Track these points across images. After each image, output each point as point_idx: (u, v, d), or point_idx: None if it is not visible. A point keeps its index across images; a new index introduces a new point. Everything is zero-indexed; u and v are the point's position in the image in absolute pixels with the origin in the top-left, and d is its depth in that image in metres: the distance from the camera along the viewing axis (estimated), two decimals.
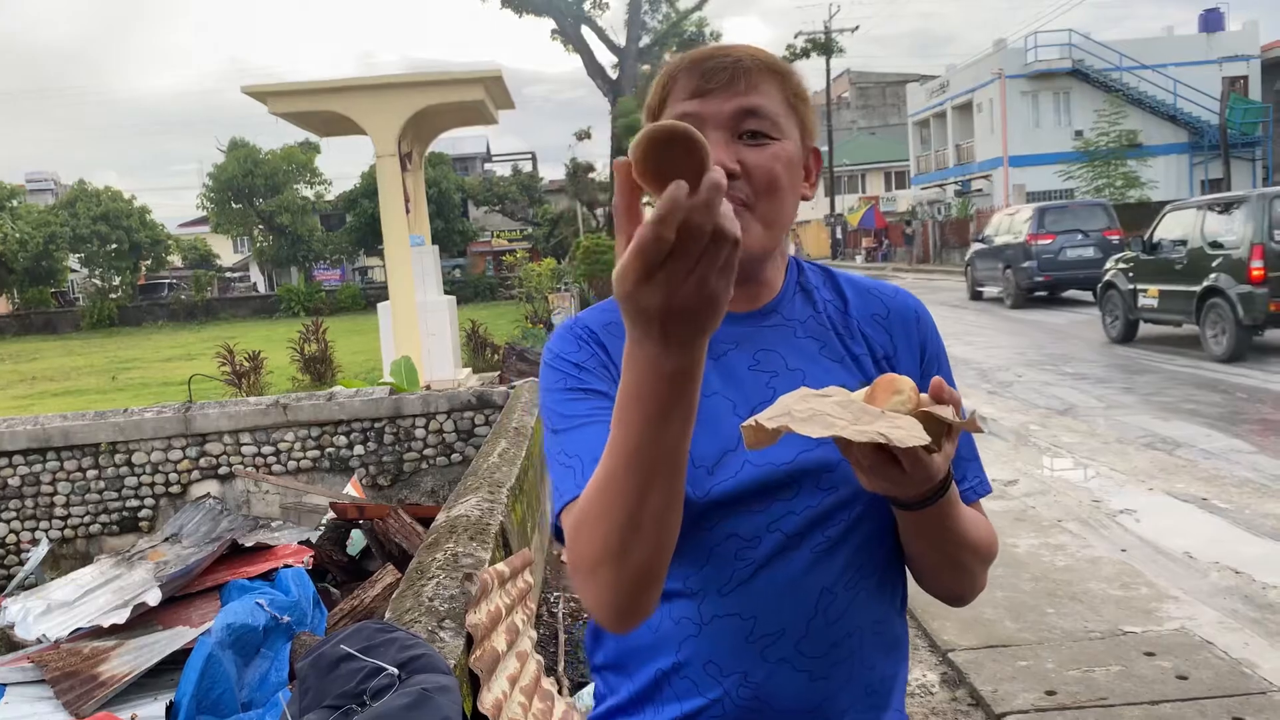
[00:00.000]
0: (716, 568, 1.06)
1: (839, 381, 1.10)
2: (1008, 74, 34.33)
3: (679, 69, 1.11)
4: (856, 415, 0.89)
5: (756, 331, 1.14)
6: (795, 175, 1.13)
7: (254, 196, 37.91)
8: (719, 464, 1.06)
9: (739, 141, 1.08)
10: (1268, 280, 9.89)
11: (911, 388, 0.93)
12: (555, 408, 1.09)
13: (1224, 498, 5.86)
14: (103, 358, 21.68)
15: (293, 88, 10.57)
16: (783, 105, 1.11)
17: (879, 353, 1.17)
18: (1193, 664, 3.71)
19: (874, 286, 1.24)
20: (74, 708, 4.43)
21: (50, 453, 7.68)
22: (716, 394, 1.09)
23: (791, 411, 0.89)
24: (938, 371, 1.19)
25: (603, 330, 1.14)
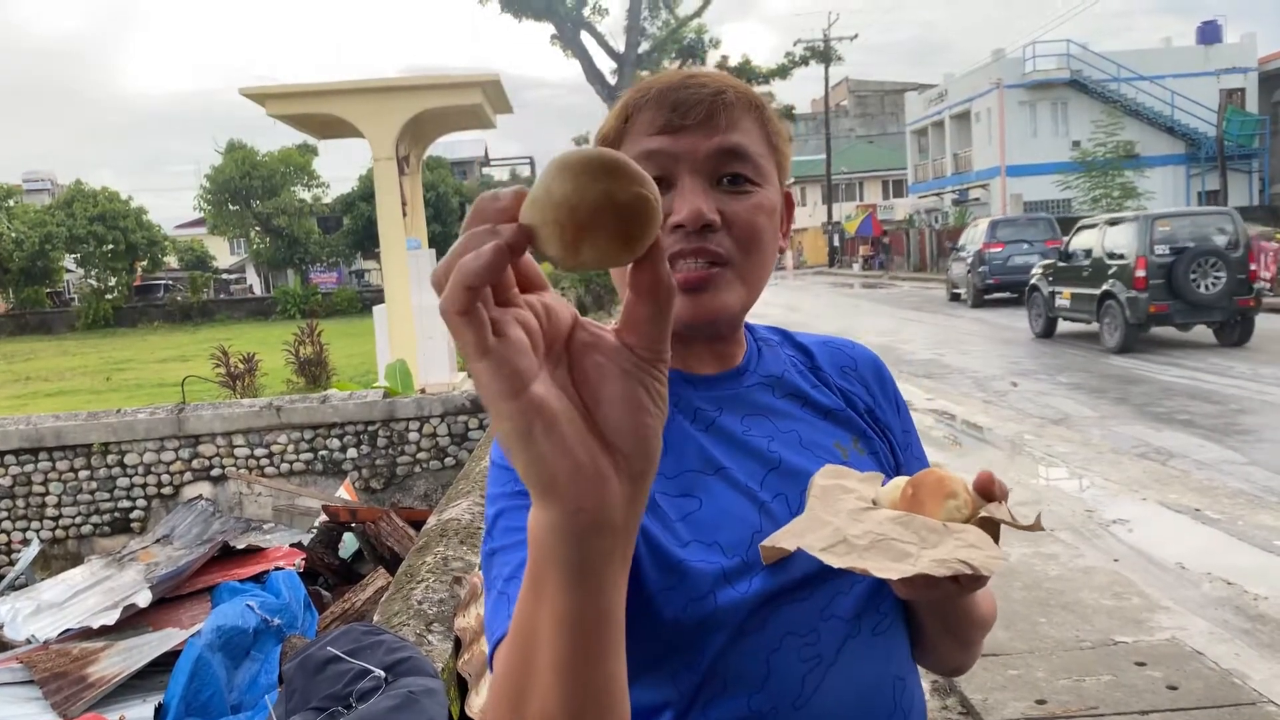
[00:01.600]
0: (781, 678, 0.89)
1: (833, 436, 1.02)
2: (1006, 84, 34.44)
3: (644, 98, 0.95)
4: (922, 536, 0.79)
5: (738, 394, 1.01)
6: (775, 226, 0.99)
7: (251, 198, 37.92)
8: (752, 548, 0.90)
9: (717, 188, 0.93)
10: (1149, 287, 12.19)
11: (964, 488, 0.83)
12: (498, 518, 0.88)
13: (1217, 508, 5.86)
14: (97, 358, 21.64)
15: (291, 90, 10.57)
16: (764, 145, 0.97)
17: (860, 405, 1.07)
18: (1183, 674, 3.71)
19: (828, 340, 1.13)
20: (62, 709, 4.41)
21: (42, 453, 7.66)
22: (717, 471, 0.95)
23: (848, 539, 0.79)
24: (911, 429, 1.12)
25: None
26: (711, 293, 0.93)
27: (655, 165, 0.92)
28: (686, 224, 0.90)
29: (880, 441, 1.05)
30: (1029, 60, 34.72)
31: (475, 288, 0.46)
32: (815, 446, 0.99)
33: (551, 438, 0.48)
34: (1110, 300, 12.82)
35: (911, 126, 44.99)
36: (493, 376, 0.47)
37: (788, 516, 0.91)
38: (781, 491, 0.95)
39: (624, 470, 0.51)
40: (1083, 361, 12.30)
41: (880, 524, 0.81)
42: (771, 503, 0.94)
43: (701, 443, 0.96)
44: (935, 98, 41.57)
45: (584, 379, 0.51)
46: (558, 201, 0.46)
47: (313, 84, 10.73)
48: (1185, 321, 12.70)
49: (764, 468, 0.96)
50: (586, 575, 0.53)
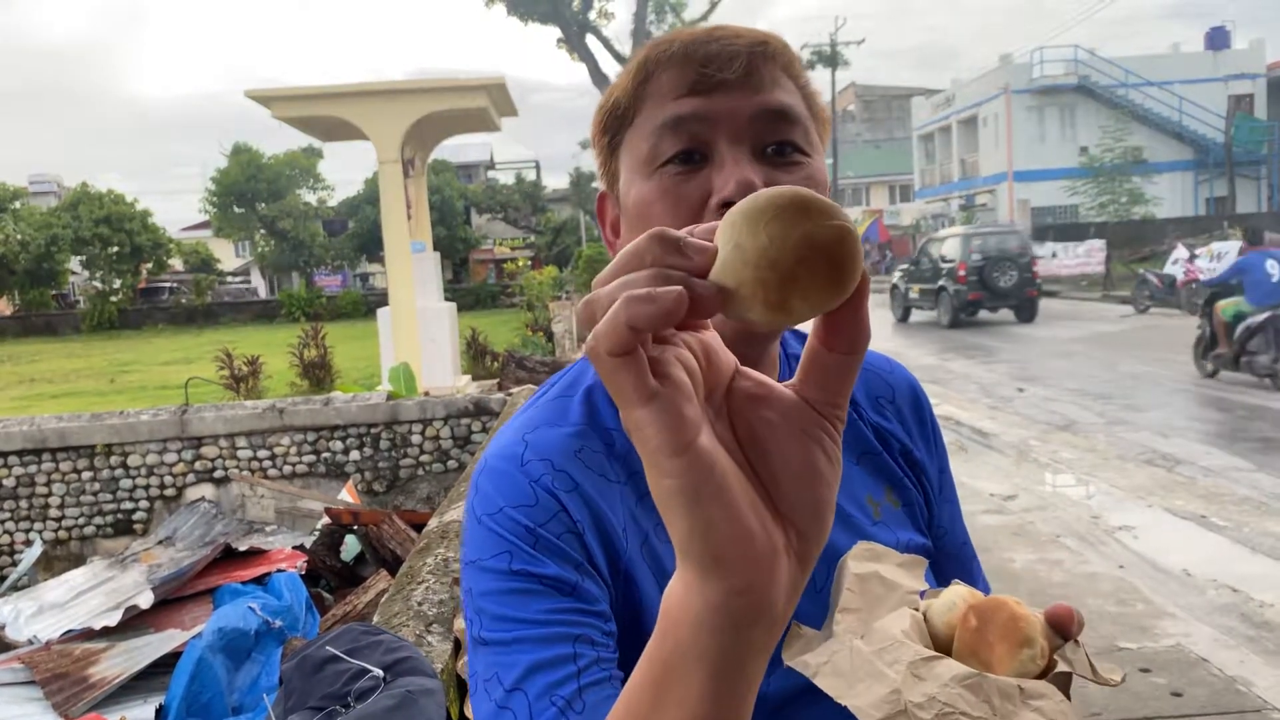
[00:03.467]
0: None
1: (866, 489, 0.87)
2: (1013, 89, 34.40)
3: (666, 53, 0.77)
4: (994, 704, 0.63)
5: None
6: None
7: (256, 201, 37.96)
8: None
9: (763, 159, 0.76)
10: (967, 281, 17.70)
11: (1041, 632, 0.67)
12: (487, 604, 0.70)
13: (1223, 515, 5.83)
14: (102, 360, 21.69)
15: (296, 93, 10.59)
16: (806, 110, 0.80)
17: (895, 446, 0.91)
18: (1188, 681, 3.68)
19: (866, 361, 0.93)
20: (63, 709, 4.40)
21: (46, 454, 7.67)
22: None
23: (909, 709, 0.63)
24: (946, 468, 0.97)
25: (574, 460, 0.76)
26: None
27: (686, 134, 0.76)
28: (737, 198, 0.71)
29: (915, 491, 0.91)
30: (1037, 65, 34.67)
31: (641, 330, 0.38)
32: (848, 504, 0.84)
33: (723, 501, 0.40)
34: (943, 291, 18.35)
35: (918, 131, 44.96)
36: (658, 427, 0.39)
37: (812, 593, 0.75)
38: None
39: (794, 548, 0.43)
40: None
41: (946, 688, 0.64)
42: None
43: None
44: (942, 103, 41.55)
45: (750, 437, 0.43)
46: (754, 259, 0.39)
47: (318, 86, 10.74)
48: (992, 305, 18.00)
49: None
50: (735, 675, 0.43)
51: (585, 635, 0.68)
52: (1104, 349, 13.92)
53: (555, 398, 0.82)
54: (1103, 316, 18.48)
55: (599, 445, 0.78)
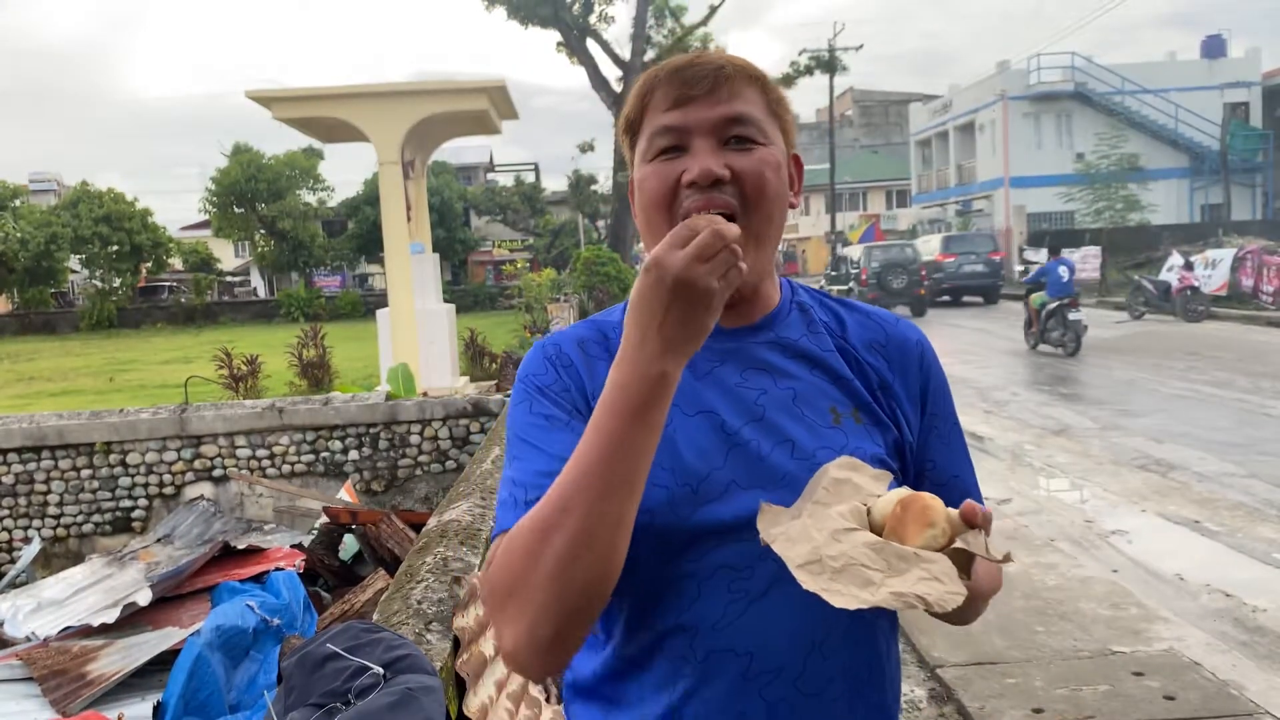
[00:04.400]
0: (709, 602, 1.00)
1: (831, 400, 1.08)
2: (1010, 95, 34.46)
3: (657, 79, 1.07)
4: (891, 564, 0.85)
5: (746, 347, 1.10)
6: (783, 181, 1.09)
7: (256, 201, 37.91)
8: (705, 483, 1.01)
9: (725, 148, 1.04)
10: (868, 284, 22.61)
11: (946, 518, 0.88)
12: (517, 430, 1.06)
13: (1216, 520, 5.87)
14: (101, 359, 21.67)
15: (297, 93, 10.61)
16: (765, 111, 1.08)
17: (874, 380, 1.12)
18: (1181, 684, 3.71)
19: (872, 312, 1.19)
20: (61, 706, 4.41)
21: (45, 451, 7.68)
22: (703, 412, 1.05)
23: (823, 559, 0.86)
24: (942, 414, 1.16)
25: (576, 348, 1.10)
26: None
27: (673, 136, 1.05)
28: (698, 180, 1.02)
29: (885, 416, 1.10)
30: (1034, 72, 34.73)
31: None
32: (809, 408, 1.07)
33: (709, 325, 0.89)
34: (850, 291, 23.05)
35: (916, 137, 45.02)
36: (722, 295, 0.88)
37: (751, 461, 1.03)
38: (753, 438, 1.04)
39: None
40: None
41: (856, 548, 0.86)
42: (740, 447, 1.03)
43: (695, 386, 1.06)
44: (940, 108, 41.61)
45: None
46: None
47: (319, 88, 10.76)
48: (888, 303, 21.50)
49: (744, 417, 1.05)
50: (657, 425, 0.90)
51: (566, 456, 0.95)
52: (1098, 355, 13.96)
53: (586, 323, 1.17)
54: (1097, 323, 18.55)
55: (598, 337, 1.12)
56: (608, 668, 1.06)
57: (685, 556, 1.00)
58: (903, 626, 4.39)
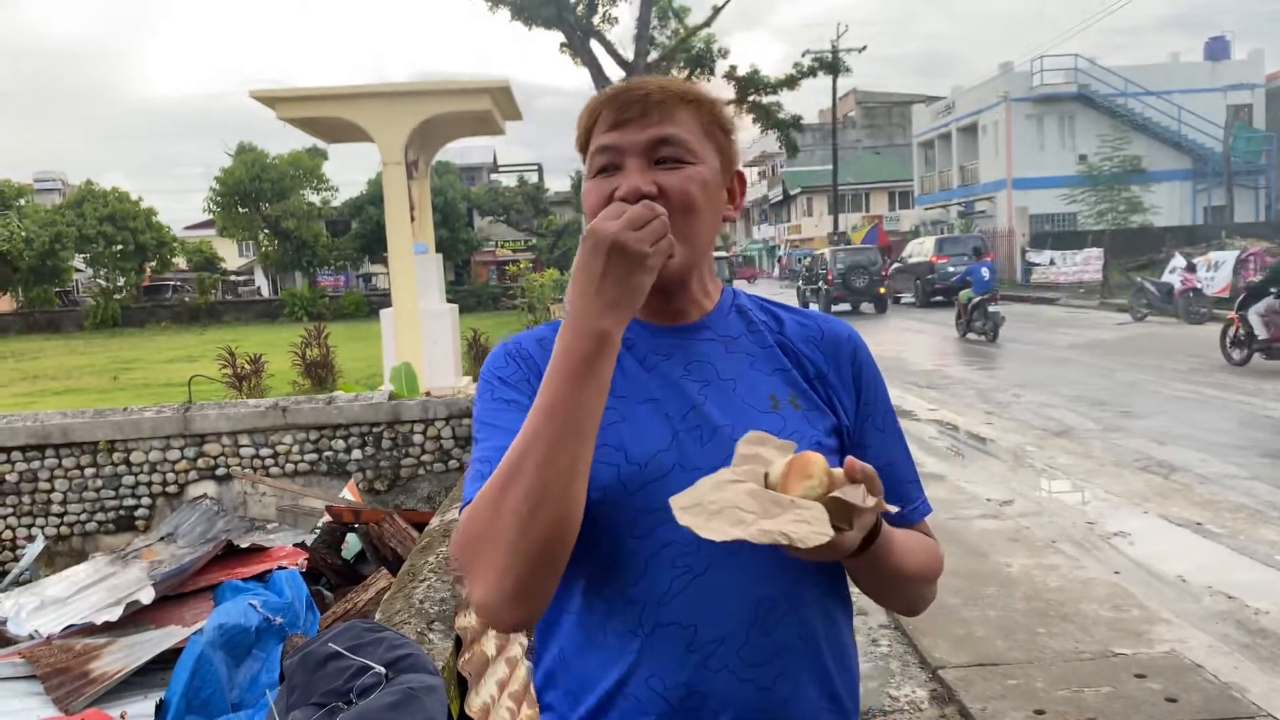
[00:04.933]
0: (654, 578, 1.07)
1: (770, 389, 1.17)
2: (1013, 97, 34.44)
3: (601, 105, 1.18)
4: (765, 507, 0.92)
5: (688, 343, 1.19)
6: (712, 196, 1.18)
7: (260, 201, 37.95)
8: (651, 463, 1.10)
9: (655, 168, 1.14)
10: (834, 284, 25.13)
11: (823, 469, 0.95)
12: (478, 417, 1.16)
13: (1219, 522, 5.87)
14: (105, 358, 21.70)
15: (301, 93, 10.61)
16: (697, 132, 1.17)
17: (810, 371, 1.21)
18: (1182, 686, 3.71)
19: (808, 312, 1.29)
20: (64, 704, 4.42)
21: (49, 450, 7.69)
22: (649, 400, 1.14)
23: (704, 502, 0.94)
24: (875, 402, 1.24)
25: (535, 345, 1.21)
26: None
27: (609, 155, 1.16)
28: (627, 197, 1.11)
29: (822, 403, 1.20)
30: (1037, 74, 34.72)
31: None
32: (748, 396, 1.17)
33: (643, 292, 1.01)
34: (821, 290, 26.11)
35: (919, 138, 45.00)
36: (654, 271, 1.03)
37: (694, 446, 1.11)
38: (697, 426, 1.13)
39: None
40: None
41: (736, 495, 0.94)
42: (684, 434, 1.12)
43: (642, 378, 1.16)
44: (943, 110, 41.59)
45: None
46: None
47: (323, 88, 10.77)
48: (853, 300, 25.60)
49: (687, 405, 1.14)
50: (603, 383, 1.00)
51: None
52: (1101, 356, 13.96)
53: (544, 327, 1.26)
54: (1100, 324, 18.54)
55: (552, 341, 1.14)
56: (568, 646, 1.13)
57: (633, 534, 1.08)
58: (903, 627, 4.41)
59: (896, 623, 4.48)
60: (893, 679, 3.97)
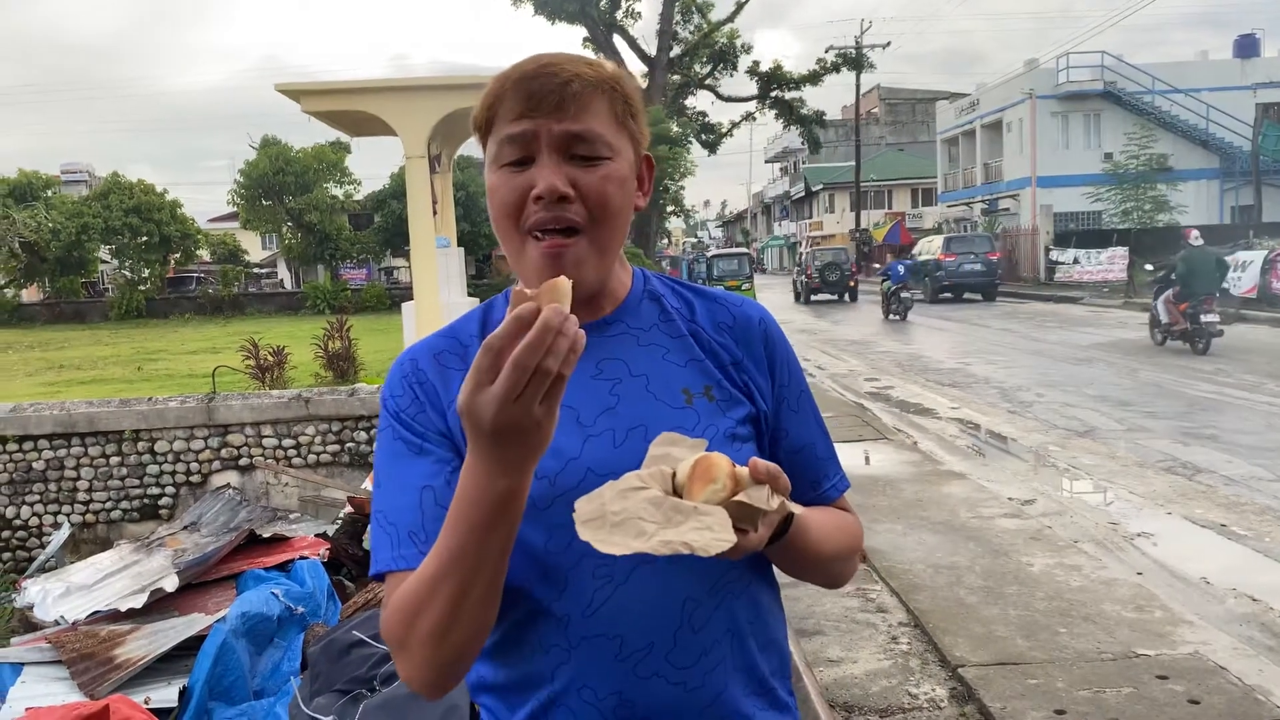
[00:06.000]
0: (577, 590, 1.05)
1: (684, 383, 1.14)
2: (1038, 94, 34.17)
3: (505, 88, 1.08)
4: (667, 515, 0.91)
5: (598, 341, 1.13)
6: (627, 191, 1.12)
7: (284, 194, 38.14)
8: (561, 475, 1.06)
9: (570, 163, 1.07)
10: (812, 278, 29.99)
11: (727, 474, 0.94)
12: (379, 457, 1.12)
13: (1243, 524, 5.81)
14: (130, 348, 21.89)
15: (326, 87, 10.68)
16: (611, 123, 1.10)
17: (725, 359, 1.17)
18: (1205, 689, 3.68)
19: (720, 296, 1.25)
20: (89, 689, 4.48)
21: (75, 438, 7.78)
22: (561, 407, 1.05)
23: (606, 514, 0.92)
24: (790, 384, 1.22)
25: (432, 362, 1.13)
26: (570, 262, 1.07)
27: (519, 147, 1.07)
28: (545, 196, 1.05)
29: (738, 392, 1.17)
30: (1062, 71, 34.41)
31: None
32: (662, 392, 1.13)
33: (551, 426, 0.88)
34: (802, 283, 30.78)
35: (942, 135, 44.72)
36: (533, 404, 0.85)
37: (609, 451, 1.08)
38: (609, 428, 1.09)
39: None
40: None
41: (638, 504, 0.93)
42: (596, 437, 1.08)
43: None
44: (967, 107, 41.31)
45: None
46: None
47: (347, 81, 10.84)
48: (829, 293, 29.87)
49: (599, 407, 1.10)
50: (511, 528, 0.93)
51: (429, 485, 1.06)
52: (1124, 356, 13.84)
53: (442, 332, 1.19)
54: (1124, 323, 18.38)
55: (455, 348, 1.15)
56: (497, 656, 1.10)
57: (549, 549, 1.05)
58: (924, 625, 4.39)
59: (916, 620, 4.47)
60: (912, 676, 3.96)
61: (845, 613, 4.61)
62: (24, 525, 7.88)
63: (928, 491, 6.69)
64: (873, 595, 4.83)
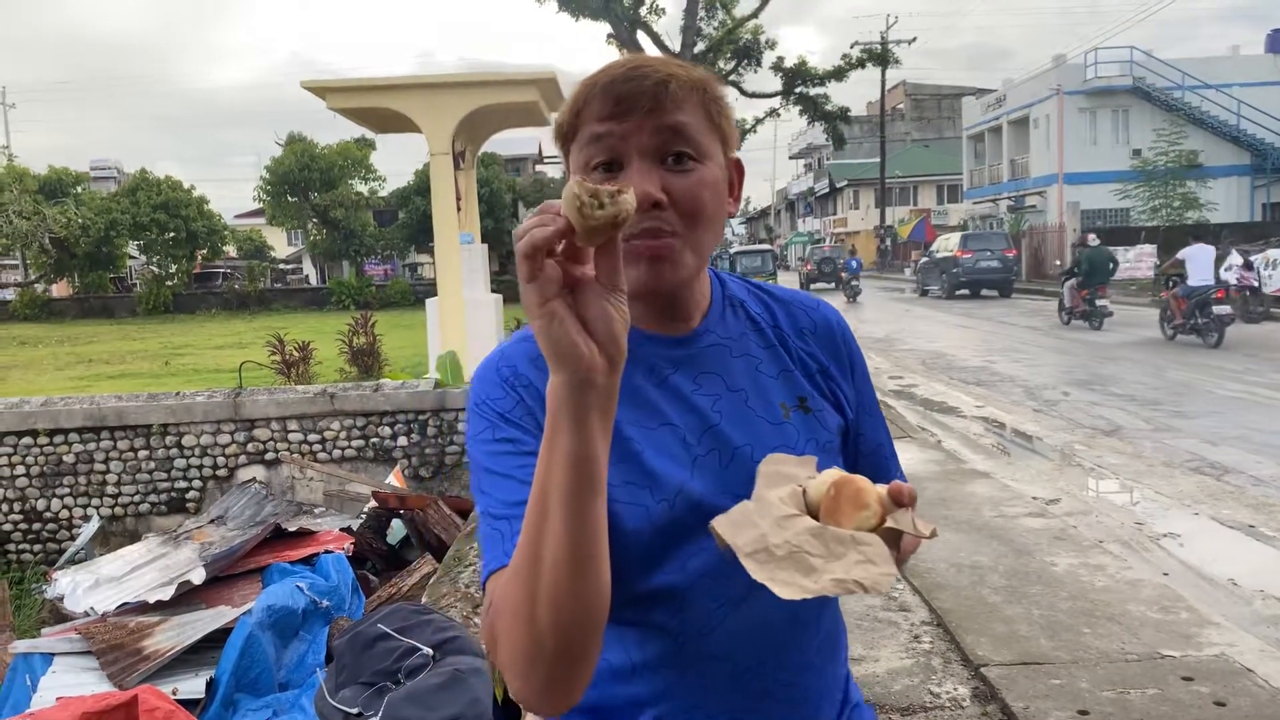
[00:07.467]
0: (692, 611, 1.04)
1: (780, 396, 1.12)
2: (1066, 90, 33.85)
3: (592, 92, 1.03)
4: (830, 549, 0.90)
5: (694, 354, 1.11)
6: (720, 197, 1.08)
7: (309, 190, 38.41)
8: (678, 498, 1.03)
9: (662, 167, 1.03)
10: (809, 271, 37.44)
11: (877, 499, 0.93)
12: (482, 461, 1.04)
13: (1272, 525, 5.75)
14: (157, 343, 22.13)
15: (351, 84, 10.74)
16: (705, 123, 1.06)
17: (812, 366, 1.17)
18: (1231, 691, 3.65)
19: (794, 298, 1.23)
20: (118, 679, 4.54)
21: (104, 432, 7.87)
22: (665, 425, 1.07)
23: (770, 547, 0.90)
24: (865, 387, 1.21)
25: (530, 365, 1.07)
26: (668, 264, 1.03)
27: (605, 148, 1.03)
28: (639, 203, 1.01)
29: (828, 402, 1.16)
30: (1090, 66, 34.07)
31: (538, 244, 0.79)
32: (761, 408, 1.11)
33: (560, 328, 0.80)
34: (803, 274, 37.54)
35: (968, 131, 44.40)
36: (531, 294, 0.80)
37: (716, 472, 1.06)
38: (714, 448, 1.07)
39: (602, 351, 0.82)
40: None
41: (799, 534, 0.91)
42: (704, 458, 1.06)
43: (654, 398, 1.08)
44: (993, 103, 40.99)
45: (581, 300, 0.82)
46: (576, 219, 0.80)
47: (372, 78, 10.88)
48: (824, 284, 34.76)
49: (703, 426, 1.08)
50: (582, 419, 0.83)
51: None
52: (1152, 354, 13.71)
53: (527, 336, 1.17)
54: (1151, 322, 18.18)
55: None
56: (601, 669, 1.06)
57: (666, 569, 1.03)
58: (946, 624, 4.38)
59: (939, 619, 4.45)
60: (934, 676, 3.95)
61: (867, 610, 4.60)
62: (54, 518, 8.00)
63: (951, 490, 6.66)
64: (894, 593, 4.82)
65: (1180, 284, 15.09)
